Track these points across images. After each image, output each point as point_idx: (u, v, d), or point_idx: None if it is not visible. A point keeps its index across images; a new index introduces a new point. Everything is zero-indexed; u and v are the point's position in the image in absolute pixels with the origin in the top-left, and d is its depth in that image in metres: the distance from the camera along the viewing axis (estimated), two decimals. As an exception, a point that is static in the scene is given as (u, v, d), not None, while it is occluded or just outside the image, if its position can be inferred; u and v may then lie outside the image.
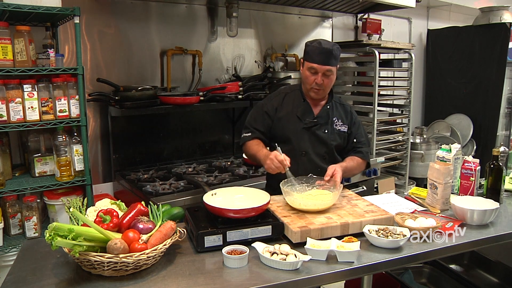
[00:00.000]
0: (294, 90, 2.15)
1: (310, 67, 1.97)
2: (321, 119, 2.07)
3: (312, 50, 1.96)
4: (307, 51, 1.99)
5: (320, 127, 2.07)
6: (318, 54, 1.94)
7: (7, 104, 2.10)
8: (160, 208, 1.57)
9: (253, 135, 2.07)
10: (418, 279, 2.46)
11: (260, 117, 2.10)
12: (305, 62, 2.01)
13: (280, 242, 1.50)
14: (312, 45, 1.97)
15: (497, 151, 1.96)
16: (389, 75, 4.15)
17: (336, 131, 2.10)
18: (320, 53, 1.94)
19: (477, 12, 4.58)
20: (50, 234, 1.25)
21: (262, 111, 2.10)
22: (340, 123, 2.12)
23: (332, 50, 1.95)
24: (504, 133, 4.55)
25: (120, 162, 2.87)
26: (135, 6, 2.86)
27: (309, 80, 1.99)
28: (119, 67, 2.85)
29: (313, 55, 1.96)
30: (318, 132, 2.07)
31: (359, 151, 2.14)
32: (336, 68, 1.99)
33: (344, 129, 2.13)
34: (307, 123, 2.05)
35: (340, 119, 2.12)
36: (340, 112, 2.14)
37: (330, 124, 2.09)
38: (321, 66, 1.95)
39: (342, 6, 3.57)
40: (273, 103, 2.11)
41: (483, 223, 1.73)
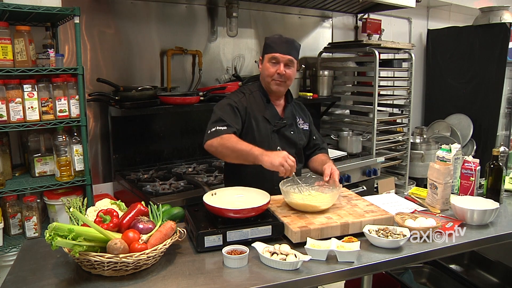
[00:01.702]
0: (253, 92, 2.04)
1: (271, 57, 1.93)
2: (288, 120, 2.05)
3: (273, 41, 1.94)
4: (267, 43, 1.96)
5: (288, 128, 2.05)
6: (279, 44, 1.93)
7: (7, 104, 2.10)
8: (160, 208, 1.57)
9: (231, 129, 1.83)
10: (418, 279, 2.46)
11: (233, 113, 1.89)
12: (265, 55, 1.96)
13: (280, 242, 1.50)
14: (272, 37, 1.96)
15: (497, 151, 1.96)
16: (389, 75, 4.15)
17: (301, 130, 2.10)
18: (281, 43, 1.93)
19: (477, 12, 4.58)
20: (50, 234, 1.25)
21: (232, 107, 1.91)
22: (302, 122, 2.12)
23: (294, 41, 1.96)
24: (504, 133, 4.56)
25: (120, 162, 2.87)
26: (135, 6, 2.86)
27: (270, 71, 1.94)
28: (119, 67, 2.85)
29: (274, 45, 1.93)
30: (287, 133, 2.04)
31: (323, 147, 2.19)
32: (297, 62, 1.97)
33: (306, 127, 2.13)
34: (276, 125, 2.01)
35: (301, 117, 2.13)
36: (299, 111, 2.15)
37: (295, 124, 2.08)
38: (283, 55, 1.92)
39: (342, 6, 3.57)
40: (242, 102, 1.95)
41: (483, 223, 1.73)
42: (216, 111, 1.93)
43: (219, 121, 1.85)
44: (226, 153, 1.80)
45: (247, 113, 1.95)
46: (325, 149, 2.19)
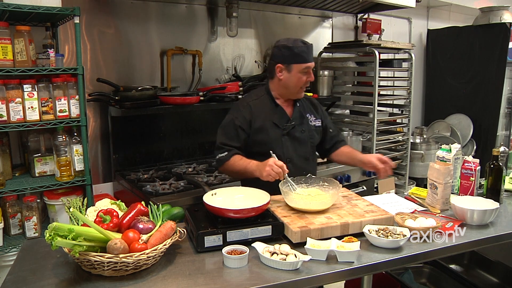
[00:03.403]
0: (262, 96, 2.06)
1: (305, 67, 1.94)
2: (297, 120, 2.05)
3: (301, 50, 1.93)
4: (296, 53, 1.93)
5: (297, 128, 2.04)
6: (308, 53, 1.95)
7: (7, 104, 2.10)
8: (160, 208, 1.57)
9: (230, 154, 1.94)
10: (418, 279, 2.46)
11: (234, 133, 1.97)
12: (294, 65, 1.94)
13: (280, 242, 1.50)
14: (299, 46, 1.93)
15: (497, 151, 1.96)
16: (389, 75, 4.15)
17: (312, 127, 2.10)
18: (309, 51, 1.95)
19: (477, 12, 4.58)
20: (50, 234, 1.25)
21: (235, 125, 1.97)
22: (313, 119, 2.11)
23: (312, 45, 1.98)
24: (504, 133, 4.56)
25: (120, 162, 2.87)
26: (135, 6, 2.86)
27: (302, 81, 1.96)
28: (119, 67, 2.85)
29: (304, 54, 1.94)
30: (297, 134, 2.04)
31: (342, 139, 2.20)
32: None
33: (318, 124, 2.12)
34: (285, 128, 2.01)
35: (312, 114, 2.11)
36: (309, 106, 2.14)
37: (306, 122, 2.08)
38: (312, 63, 1.97)
39: (342, 6, 3.57)
40: (245, 115, 1.98)
41: (483, 223, 1.73)
42: (218, 134, 2.03)
43: (219, 149, 1.98)
44: (233, 176, 2.03)
45: (252, 126, 1.99)
46: (344, 141, 2.19)
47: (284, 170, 1.76)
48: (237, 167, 1.92)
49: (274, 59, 1.99)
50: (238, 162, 1.92)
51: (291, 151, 2.02)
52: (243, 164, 1.90)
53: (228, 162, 1.94)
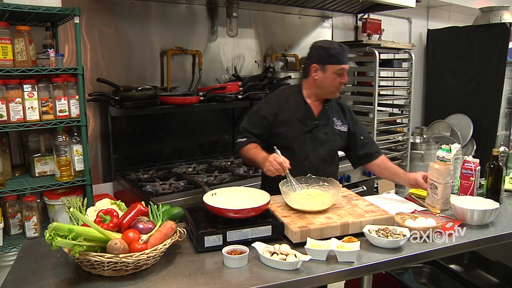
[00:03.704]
0: (293, 92, 2.10)
1: (340, 69, 1.97)
2: (322, 120, 2.06)
3: (337, 51, 1.96)
4: (332, 54, 1.96)
5: (321, 128, 2.06)
6: (344, 56, 1.98)
7: (7, 104, 2.10)
8: (160, 208, 1.57)
9: (249, 140, 2.03)
10: (418, 279, 2.46)
11: (258, 121, 2.05)
12: (330, 65, 1.96)
13: (280, 242, 1.50)
14: (335, 48, 1.96)
15: (497, 151, 1.96)
16: (389, 75, 4.15)
17: (336, 131, 2.10)
18: (344, 53, 1.98)
19: (477, 12, 4.58)
20: (50, 234, 1.25)
21: (260, 115, 2.05)
22: (339, 123, 2.11)
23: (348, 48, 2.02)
24: (504, 133, 4.55)
25: (120, 162, 2.87)
26: (135, 6, 2.86)
27: (336, 82, 1.99)
28: (119, 67, 2.85)
29: (340, 56, 1.96)
30: (319, 134, 2.05)
31: (378, 150, 2.18)
32: None
33: (344, 129, 2.12)
34: (308, 125, 2.03)
35: (339, 119, 2.12)
36: (338, 111, 2.14)
37: (330, 125, 2.08)
38: (347, 65, 2.00)
39: (342, 6, 3.57)
40: (272, 108, 2.05)
41: (483, 223, 1.73)
42: (244, 119, 2.12)
43: (240, 133, 2.08)
44: (248, 162, 2.08)
45: (277, 118, 2.04)
46: (379, 152, 2.18)
47: (284, 167, 1.79)
48: (249, 155, 2.00)
49: (310, 59, 2.04)
50: (251, 150, 2.00)
51: (310, 150, 2.04)
52: (254, 154, 1.97)
53: (244, 147, 2.03)
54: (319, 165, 2.04)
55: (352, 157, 2.21)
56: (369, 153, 2.15)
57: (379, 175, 2.20)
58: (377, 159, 2.14)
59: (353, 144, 2.16)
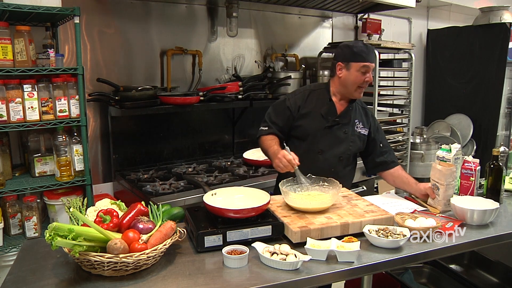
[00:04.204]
0: (320, 89, 2.14)
1: (362, 66, 1.99)
2: (343, 119, 2.08)
3: (361, 49, 1.99)
4: (356, 52, 2.00)
5: (341, 127, 2.08)
6: (368, 54, 2.00)
7: (7, 104, 2.10)
8: (160, 208, 1.57)
9: (270, 130, 2.07)
10: (418, 279, 2.46)
11: (281, 112, 2.09)
12: (353, 63, 2.00)
13: (280, 242, 1.50)
14: (358, 46, 2.01)
15: (497, 151, 1.96)
16: (389, 75, 4.15)
17: (356, 133, 2.11)
18: (369, 52, 2.01)
19: (477, 12, 4.58)
20: (50, 234, 1.25)
21: (284, 105, 2.09)
22: (361, 126, 2.13)
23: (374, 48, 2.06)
24: (504, 133, 4.55)
25: (120, 162, 2.87)
26: (135, 6, 2.86)
27: (359, 79, 2.01)
28: (119, 67, 2.85)
29: (364, 54, 1.99)
30: (338, 133, 2.08)
31: (395, 160, 2.18)
32: None
33: (364, 132, 2.14)
34: (329, 121, 2.06)
35: (361, 122, 2.14)
36: (361, 115, 2.16)
37: (351, 125, 2.10)
38: (372, 64, 2.01)
39: (342, 6, 3.57)
40: (296, 100, 2.10)
41: (483, 223, 1.73)
42: (270, 108, 2.16)
43: (264, 121, 2.12)
44: (263, 152, 2.11)
45: (300, 111, 2.07)
46: (396, 162, 2.18)
47: (293, 164, 1.82)
48: (265, 146, 2.04)
49: (336, 58, 2.08)
50: (268, 141, 2.04)
51: (326, 145, 2.06)
52: (268, 145, 2.01)
53: (263, 137, 2.08)
54: (334, 162, 2.07)
55: (368, 162, 2.22)
56: (386, 162, 2.16)
57: (392, 184, 2.20)
58: (393, 169, 2.15)
59: (371, 150, 2.18)
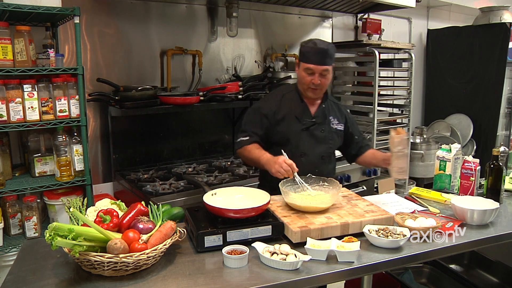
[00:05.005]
0: (291, 91, 2.13)
1: (306, 68, 1.97)
2: (319, 119, 2.08)
3: (308, 50, 1.97)
4: (303, 52, 2.00)
5: (318, 126, 2.08)
6: (314, 55, 1.95)
7: (7, 104, 2.10)
8: (160, 208, 1.57)
9: (252, 139, 2.03)
10: (418, 279, 2.46)
11: (258, 120, 2.06)
12: (301, 63, 2.01)
13: (280, 242, 1.50)
14: (307, 46, 1.98)
15: (497, 151, 1.96)
16: (389, 75, 4.15)
17: (333, 130, 2.12)
18: (316, 53, 1.95)
19: (477, 12, 4.58)
20: (50, 234, 1.25)
21: (260, 113, 2.06)
22: (336, 122, 2.13)
23: (328, 50, 1.97)
24: (504, 133, 4.55)
25: (120, 162, 2.87)
26: (135, 6, 2.86)
27: (306, 80, 2.00)
28: (119, 67, 2.85)
29: (309, 55, 1.96)
30: (316, 132, 2.07)
31: (367, 144, 2.23)
32: (332, 67, 2.02)
33: (340, 127, 2.15)
34: (305, 123, 2.05)
35: (336, 118, 2.14)
36: (335, 111, 2.16)
37: (327, 123, 2.10)
38: (318, 66, 1.96)
39: (342, 6, 3.57)
40: (271, 106, 2.07)
41: (483, 223, 1.73)
42: (244, 118, 2.13)
43: (243, 132, 2.07)
44: (247, 162, 2.08)
45: (275, 116, 2.05)
46: (369, 145, 2.23)
47: (294, 169, 1.81)
48: (252, 155, 1.99)
49: None
50: (254, 150, 1.99)
51: (307, 147, 2.05)
52: (258, 154, 1.96)
53: (247, 147, 2.02)
54: (317, 163, 2.06)
55: (346, 154, 2.27)
56: (360, 150, 2.21)
57: (365, 164, 2.27)
58: (366, 152, 2.19)
59: (349, 143, 2.20)
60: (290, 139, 2.04)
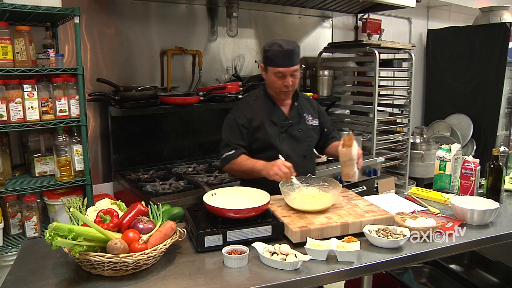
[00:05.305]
0: (259, 97, 2.10)
1: (276, 72, 1.94)
2: (294, 119, 2.08)
3: (275, 54, 1.93)
4: (269, 56, 1.95)
5: (295, 126, 2.07)
6: (282, 58, 1.92)
7: (7, 104, 2.10)
8: (160, 208, 1.57)
9: (239, 152, 1.98)
10: (418, 279, 2.46)
11: (238, 132, 2.02)
12: (269, 67, 1.97)
13: (280, 242, 1.50)
14: (273, 49, 1.93)
15: (497, 151, 1.96)
16: (389, 75, 4.15)
17: (309, 127, 2.12)
18: (284, 56, 1.92)
19: (477, 12, 4.58)
20: (50, 234, 1.25)
21: (237, 124, 2.02)
22: (311, 118, 2.14)
23: (294, 49, 1.94)
24: (504, 133, 4.55)
25: (120, 162, 2.87)
26: (135, 6, 2.86)
27: (278, 84, 1.97)
28: (119, 67, 2.85)
29: (277, 59, 1.92)
30: (294, 133, 2.07)
31: (334, 135, 2.22)
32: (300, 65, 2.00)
33: (315, 123, 2.15)
34: (282, 126, 2.04)
35: (309, 114, 2.14)
36: (307, 107, 2.16)
37: (303, 121, 2.10)
38: (288, 68, 1.93)
39: (342, 6, 3.57)
40: (246, 115, 2.03)
41: (483, 223, 1.73)
42: (223, 132, 2.07)
43: (226, 147, 2.01)
44: (239, 175, 2.04)
45: (252, 124, 2.03)
46: (335, 137, 2.22)
47: (292, 172, 1.80)
48: (244, 166, 1.95)
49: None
50: (245, 161, 1.96)
51: (289, 149, 2.05)
52: (250, 164, 1.93)
53: (235, 160, 1.97)
54: (301, 163, 2.04)
55: (318, 147, 2.26)
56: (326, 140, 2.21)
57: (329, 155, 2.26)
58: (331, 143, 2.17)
59: (321, 136, 2.21)
60: (271, 144, 2.02)
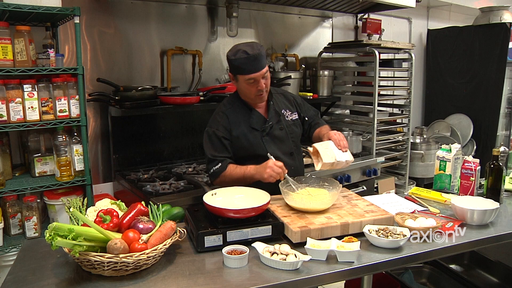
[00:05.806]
0: (234, 104, 2.03)
1: (248, 79, 1.89)
2: (273, 119, 2.04)
3: (243, 62, 1.86)
4: (237, 65, 1.88)
5: (275, 126, 2.04)
6: (251, 64, 1.86)
7: (7, 104, 2.10)
8: (160, 208, 1.57)
9: (226, 163, 1.93)
10: (418, 279, 2.46)
11: (220, 144, 1.96)
12: (239, 75, 1.91)
13: (280, 242, 1.50)
14: (239, 58, 1.86)
15: (497, 151, 1.96)
16: (389, 75, 4.15)
17: (290, 122, 2.10)
18: (252, 62, 1.86)
19: (477, 12, 4.58)
20: (50, 234, 1.25)
21: (217, 137, 1.96)
22: (289, 113, 2.11)
23: (260, 52, 1.88)
24: (504, 133, 4.56)
25: (120, 162, 2.87)
26: (135, 6, 2.86)
27: (252, 90, 1.92)
28: (119, 67, 2.85)
29: (246, 66, 1.86)
30: (276, 133, 2.04)
31: (317, 122, 2.20)
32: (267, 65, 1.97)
33: (295, 116, 2.13)
34: (263, 129, 2.01)
35: (287, 109, 2.12)
36: (283, 102, 2.14)
37: (282, 119, 2.08)
38: (258, 73, 1.88)
39: (342, 6, 3.57)
40: (224, 125, 1.97)
41: (483, 223, 1.73)
42: (205, 148, 1.99)
43: (211, 162, 1.94)
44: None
45: (232, 134, 1.97)
46: (319, 124, 2.19)
47: (284, 170, 1.80)
48: (235, 175, 1.90)
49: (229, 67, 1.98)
50: (234, 170, 1.91)
51: (275, 150, 2.00)
52: (240, 172, 1.90)
53: (224, 172, 1.92)
54: (288, 161, 2.02)
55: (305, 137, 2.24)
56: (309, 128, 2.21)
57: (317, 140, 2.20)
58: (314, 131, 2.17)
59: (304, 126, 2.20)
60: (255, 150, 1.98)
